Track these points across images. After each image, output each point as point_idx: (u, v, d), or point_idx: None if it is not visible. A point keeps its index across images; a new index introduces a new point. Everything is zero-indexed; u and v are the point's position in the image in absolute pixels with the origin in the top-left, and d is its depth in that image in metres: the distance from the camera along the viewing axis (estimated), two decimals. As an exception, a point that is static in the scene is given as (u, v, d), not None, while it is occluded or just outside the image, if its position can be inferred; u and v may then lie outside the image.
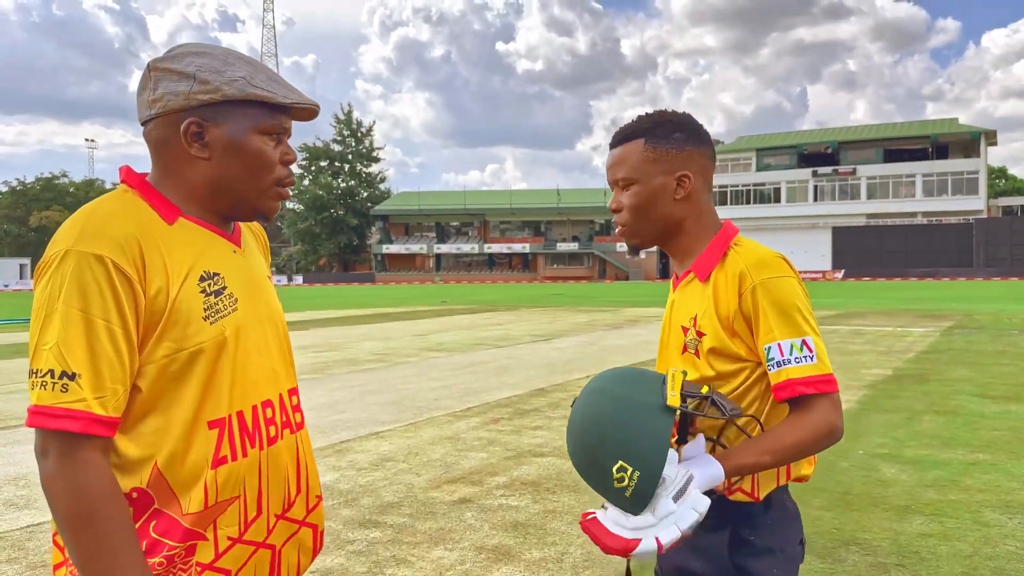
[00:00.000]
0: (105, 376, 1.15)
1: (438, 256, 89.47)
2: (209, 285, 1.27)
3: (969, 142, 67.12)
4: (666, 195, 1.63)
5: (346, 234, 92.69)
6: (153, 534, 1.21)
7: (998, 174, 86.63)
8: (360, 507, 4.82)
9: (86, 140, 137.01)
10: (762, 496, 1.60)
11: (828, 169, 69.92)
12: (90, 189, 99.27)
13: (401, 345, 15.13)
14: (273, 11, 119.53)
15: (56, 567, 1.28)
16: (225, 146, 1.27)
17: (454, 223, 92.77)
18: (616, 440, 1.39)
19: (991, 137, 67.20)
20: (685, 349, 1.65)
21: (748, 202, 72.23)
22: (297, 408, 1.43)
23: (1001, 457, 5.77)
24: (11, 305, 38.26)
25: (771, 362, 1.51)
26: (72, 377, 1.13)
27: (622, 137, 1.67)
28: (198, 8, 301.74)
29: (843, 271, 64.43)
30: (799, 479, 1.65)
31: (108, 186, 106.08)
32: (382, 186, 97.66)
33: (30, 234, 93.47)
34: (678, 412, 1.40)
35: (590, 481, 1.46)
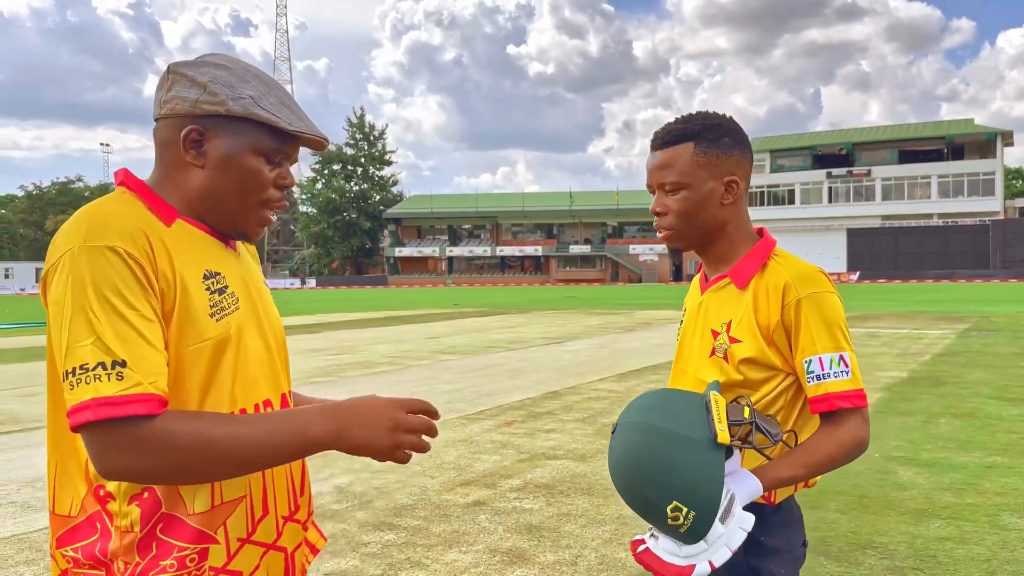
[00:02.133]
0: (148, 360, 1.15)
1: (450, 259, 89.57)
2: (213, 283, 1.27)
3: (985, 143, 66.60)
4: (714, 200, 1.63)
5: (359, 237, 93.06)
6: (161, 535, 1.20)
7: (1015, 175, 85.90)
8: (374, 509, 4.83)
9: (101, 145, 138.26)
10: (778, 501, 1.62)
11: (842, 170, 69.56)
12: (105, 193, 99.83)
13: (414, 348, 15.16)
14: (286, 16, 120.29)
15: None
16: (220, 158, 1.28)
17: (466, 226, 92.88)
18: (668, 482, 1.38)
19: (1007, 138, 66.65)
20: (713, 352, 1.64)
21: (762, 204, 71.96)
22: None
23: (1019, 460, 5.72)
24: (27, 308, 38.61)
25: (811, 375, 1.54)
26: (123, 364, 1.12)
27: (670, 139, 1.64)
28: (211, 13, 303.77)
29: (858, 273, 64.06)
30: (810, 485, 1.67)
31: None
32: (394, 189, 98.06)
33: (46, 238, 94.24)
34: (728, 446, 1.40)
35: (641, 515, 1.46)
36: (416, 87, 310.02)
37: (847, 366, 1.54)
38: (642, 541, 1.47)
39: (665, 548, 1.41)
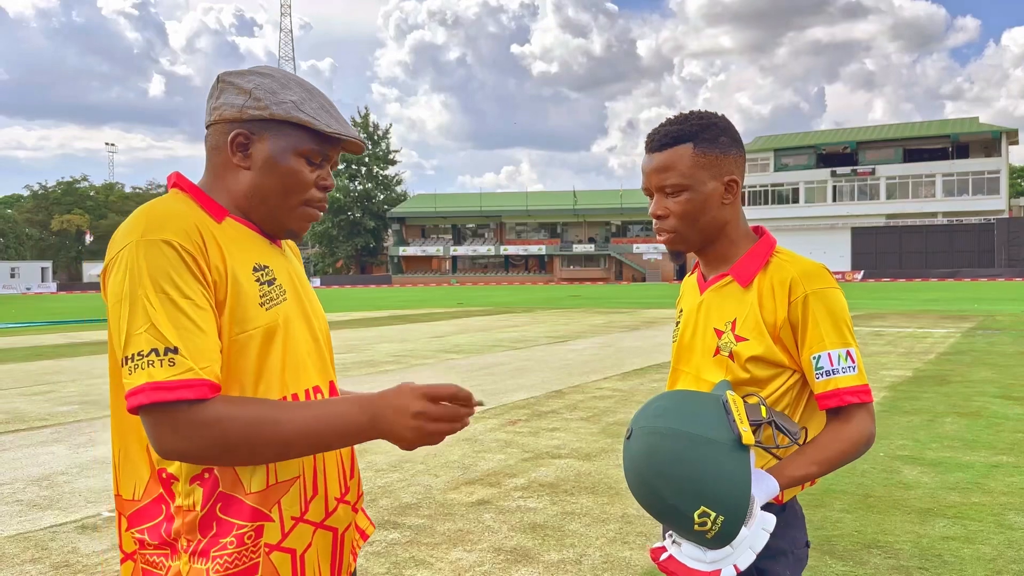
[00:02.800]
0: (201, 347, 1.21)
1: (454, 258, 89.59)
2: (262, 275, 1.34)
3: (990, 141, 66.41)
4: (716, 200, 1.62)
5: (363, 236, 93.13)
6: (220, 514, 1.27)
7: (1019, 173, 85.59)
8: (378, 508, 4.84)
9: (106, 144, 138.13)
10: (785, 500, 1.62)
11: (847, 169, 69.40)
12: (110, 193, 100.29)
13: (418, 347, 15.17)
14: (291, 16, 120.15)
15: (125, 558, 1.33)
16: (264, 160, 1.36)
17: (470, 225, 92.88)
18: (695, 487, 1.36)
19: (1012, 136, 66.43)
20: (718, 352, 1.63)
21: (766, 203, 71.84)
22: None
23: (1025, 459, 5.70)
24: (33, 308, 38.71)
25: (819, 371, 1.54)
26: (175, 351, 1.19)
27: (668, 141, 1.61)
28: (216, 13, 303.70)
29: (862, 272, 63.92)
30: (813, 483, 1.67)
31: (128, 190, 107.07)
32: (398, 188, 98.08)
33: (51, 238, 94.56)
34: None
35: (664, 522, 1.44)
36: (420, 86, 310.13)
37: (853, 362, 1.55)
38: (663, 549, 1.44)
39: (689, 554, 1.39)
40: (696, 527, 1.36)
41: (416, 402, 1.24)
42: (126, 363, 1.20)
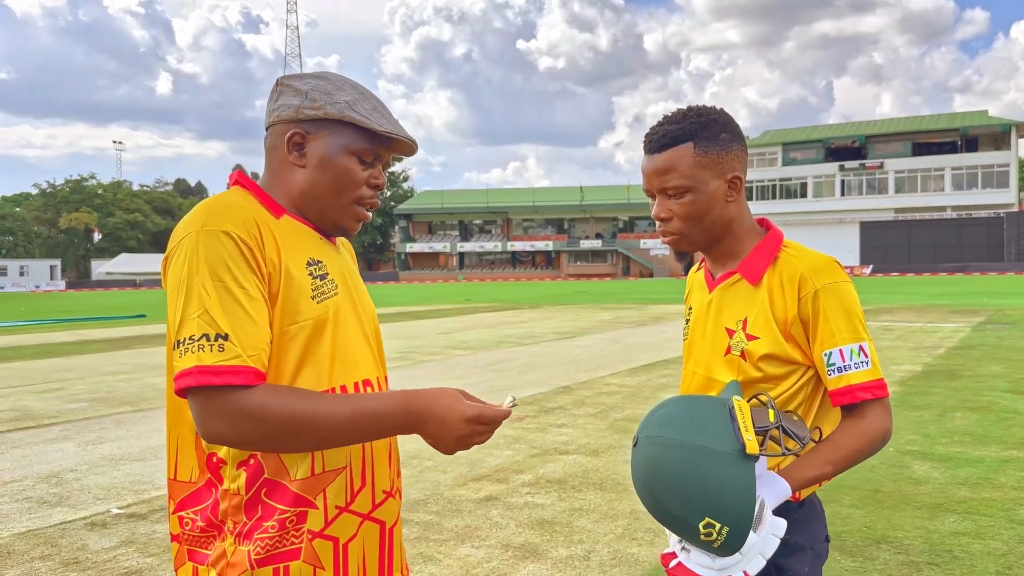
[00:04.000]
0: (251, 335, 1.26)
1: (461, 254, 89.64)
2: (315, 270, 1.39)
3: (1000, 134, 66.01)
4: (719, 199, 1.58)
5: (370, 233, 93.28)
6: (265, 499, 1.31)
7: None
8: (386, 505, 4.83)
9: (114, 142, 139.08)
10: (803, 497, 1.60)
11: (855, 163, 69.13)
12: (118, 191, 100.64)
13: (425, 343, 15.18)
14: (296, 12, 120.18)
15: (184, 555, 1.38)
16: (319, 158, 1.41)
17: (477, 221, 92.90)
18: (698, 498, 1.34)
19: (1022, 129, 65.99)
20: (729, 351, 1.60)
21: (774, 197, 71.61)
22: None
23: (1036, 454, 5.67)
24: (42, 306, 38.90)
25: (831, 367, 1.52)
26: (225, 337, 1.23)
27: (668, 141, 1.57)
28: (222, 11, 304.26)
29: (871, 266, 63.69)
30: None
31: (136, 187, 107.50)
32: (405, 185, 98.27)
33: (60, 235, 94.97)
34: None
35: (671, 530, 1.42)
36: (426, 83, 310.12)
37: (867, 356, 1.52)
38: (673, 555, 1.43)
39: (699, 561, 1.38)
40: (702, 537, 1.34)
41: (465, 426, 1.28)
42: (177, 346, 1.24)
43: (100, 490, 5.33)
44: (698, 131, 1.56)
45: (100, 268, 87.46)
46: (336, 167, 1.41)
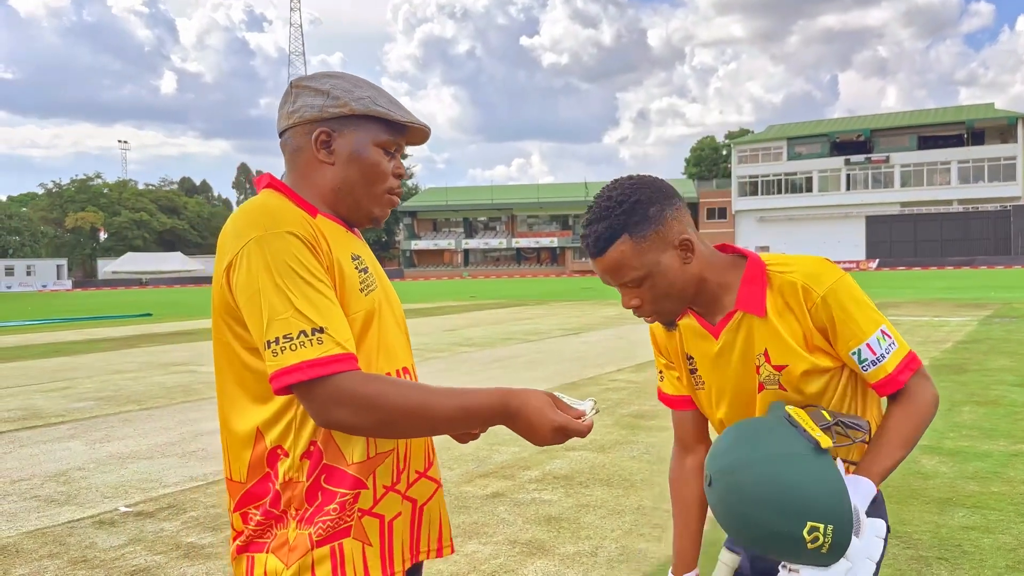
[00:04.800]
0: (341, 324, 1.32)
1: (466, 251, 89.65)
2: (358, 264, 1.44)
3: (1006, 127, 65.73)
4: (677, 268, 1.55)
5: (374, 231, 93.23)
6: (325, 485, 1.36)
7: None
8: (393, 502, 4.84)
9: (119, 142, 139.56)
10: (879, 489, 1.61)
11: (861, 157, 68.89)
12: (123, 190, 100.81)
13: (431, 340, 15.19)
14: (300, 11, 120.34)
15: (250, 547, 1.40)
16: (348, 154, 1.45)
17: (481, 218, 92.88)
18: (795, 505, 1.33)
19: (1029, 122, 65.71)
20: (763, 388, 1.59)
21: (779, 192, 71.46)
22: None
23: (1044, 448, 5.64)
24: (48, 306, 39.04)
25: (864, 362, 1.53)
26: (322, 331, 1.28)
27: (603, 244, 1.53)
28: (225, 9, 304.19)
29: (877, 261, 63.51)
30: None
31: (141, 186, 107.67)
32: (409, 182, 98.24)
33: (66, 235, 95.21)
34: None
35: (775, 554, 1.39)
36: (430, 80, 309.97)
37: (891, 337, 1.54)
38: None
39: None
40: (809, 546, 1.32)
41: (548, 433, 1.34)
42: (270, 346, 1.28)
43: (108, 488, 5.35)
44: (626, 221, 1.51)
45: (106, 267, 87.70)
46: (366, 161, 1.46)
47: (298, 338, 1.27)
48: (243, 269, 1.31)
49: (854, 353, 1.52)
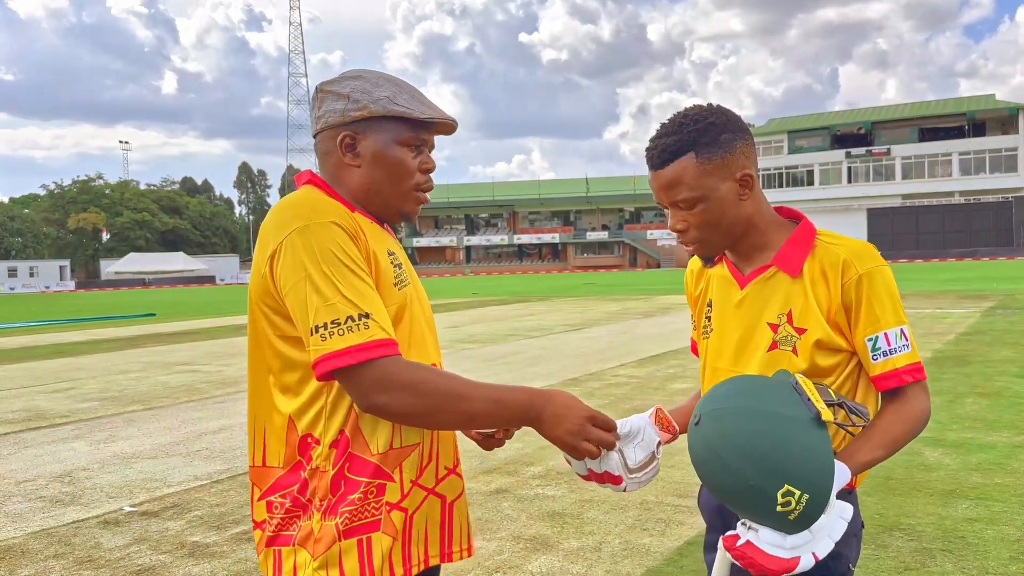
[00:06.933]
0: (382, 311, 1.36)
1: (468, 248, 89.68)
2: (393, 259, 1.48)
3: (1007, 118, 65.55)
4: (732, 201, 1.55)
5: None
6: (348, 474, 1.39)
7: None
8: (397, 499, 4.84)
9: (120, 142, 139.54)
10: (858, 484, 1.61)
11: (862, 150, 68.75)
12: (125, 190, 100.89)
13: (434, 337, 15.17)
14: (299, 10, 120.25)
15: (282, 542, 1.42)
16: (372, 155, 1.48)
17: (483, 215, 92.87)
18: (778, 465, 1.32)
19: (1030, 112, 65.52)
20: (775, 346, 1.57)
21: (781, 185, 71.32)
22: None
23: (1048, 439, 5.64)
24: (52, 307, 39.08)
25: (876, 351, 1.52)
26: (367, 316, 1.32)
27: (668, 156, 1.53)
28: (225, 9, 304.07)
29: (879, 253, 63.34)
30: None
31: (143, 187, 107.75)
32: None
33: (69, 236, 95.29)
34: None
35: (740, 508, 1.38)
36: (430, 77, 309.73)
37: (907, 340, 1.53)
38: (737, 536, 1.38)
39: (768, 540, 1.33)
40: (779, 507, 1.31)
41: (583, 425, 1.42)
42: (317, 331, 1.31)
43: (112, 488, 5.36)
44: (696, 139, 1.51)
45: (109, 268, 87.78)
46: (390, 160, 1.48)
47: (345, 323, 1.30)
48: (287, 257, 1.34)
49: (870, 340, 1.51)
